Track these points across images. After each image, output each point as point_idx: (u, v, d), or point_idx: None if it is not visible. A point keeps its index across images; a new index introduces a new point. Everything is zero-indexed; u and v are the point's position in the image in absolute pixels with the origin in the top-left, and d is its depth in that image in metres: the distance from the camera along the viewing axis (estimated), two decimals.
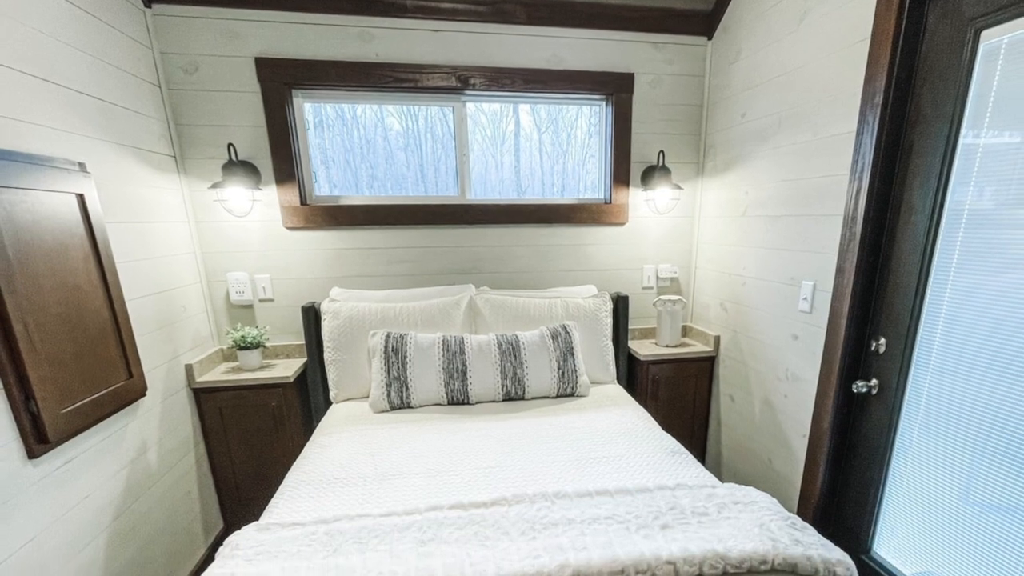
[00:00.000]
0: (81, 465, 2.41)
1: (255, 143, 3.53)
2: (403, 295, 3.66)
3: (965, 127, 2.13)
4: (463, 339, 3.34)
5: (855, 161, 2.54)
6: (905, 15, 2.27)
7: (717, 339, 3.97)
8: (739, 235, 3.63)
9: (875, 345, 2.59)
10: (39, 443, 2.13)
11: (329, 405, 3.57)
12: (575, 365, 3.42)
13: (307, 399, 3.76)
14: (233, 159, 3.42)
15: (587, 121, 4.11)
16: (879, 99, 2.38)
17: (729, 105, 3.68)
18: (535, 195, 4.15)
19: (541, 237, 4.04)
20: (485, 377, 3.29)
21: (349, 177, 3.89)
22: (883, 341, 2.56)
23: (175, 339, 3.24)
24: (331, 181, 3.86)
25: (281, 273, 3.76)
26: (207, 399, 3.40)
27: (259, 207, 3.63)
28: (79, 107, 2.57)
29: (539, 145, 4.10)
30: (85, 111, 2.61)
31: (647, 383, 3.94)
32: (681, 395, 4.05)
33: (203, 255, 3.62)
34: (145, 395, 2.85)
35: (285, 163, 3.57)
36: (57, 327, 2.25)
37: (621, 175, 4.02)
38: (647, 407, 3.94)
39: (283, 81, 3.46)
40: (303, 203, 3.69)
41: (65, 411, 2.25)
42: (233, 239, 3.64)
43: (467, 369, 3.27)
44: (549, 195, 4.18)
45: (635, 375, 4.07)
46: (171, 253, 3.28)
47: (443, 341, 3.31)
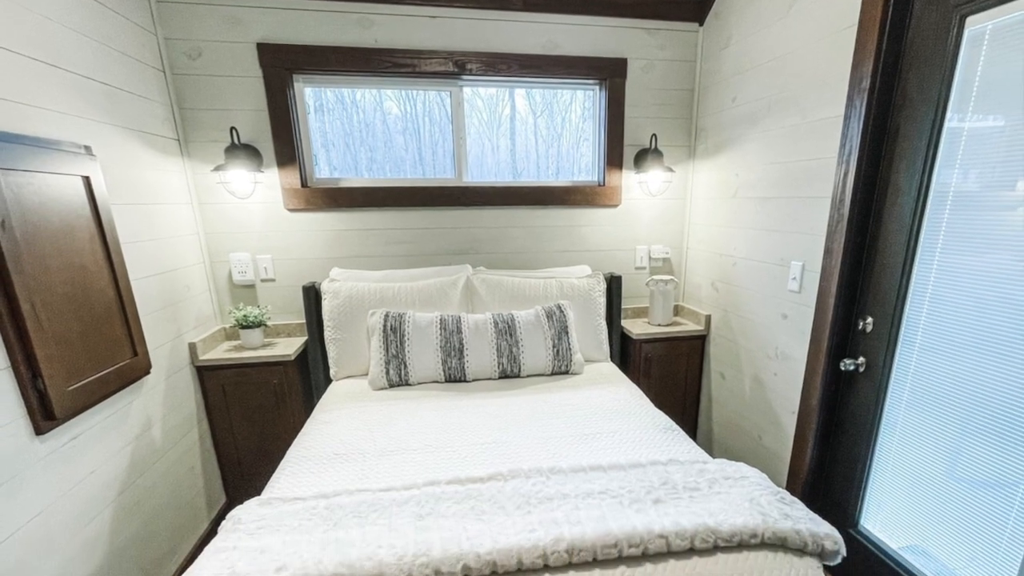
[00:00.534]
0: (87, 441, 2.40)
1: (257, 127, 3.52)
2: (401, 275, 3.65)
3: (950, 111, 2.13)
4: (460, 318, 3.33)
5: (843, 144, 2.53)
6: (892, 2, 2.25)
7: (708, 318, 3.97)
8: (730, 216, 3.62)
9: (862, 324, 2.59)
10: (46, 420, 2.13)
11: (329, 383, 3.56)
12: (569, 343, 3.41)
13: (308, 377, 3.75)
14: (235, 142, 3.42)
15: (581, 105, 4.09)
16: (866, 84, 2.37)
17: (720, 89, 3.66)
18: (530, 177, 4.14)
19: (536, 218, 4.04)
20: (481, 355, 3.28)
21: (349, 160, 3.87)
22: (870, 320, 2.55)
23: (179, 318, 3.23)
24: (331, 164, 3.84)
25: (282, 254, 3.76)
26: (210, 377, 3.39)
27: (261, 189, 3.62)
28: (85, 91, 2.56)
29: (534, 129, 4.08)
30: (91, 95, 2.60)
31: (640, 361, 3.94)
32: (673, 373, 4.05)
33: (206, 236, 3.62)
34: (149, 373, 2.84)
35: (286, 146, 3.56)
36: (63, 306, 2.24)
37: (614, 158, 4.01)
38: (640, 385, 3.94)
39: (284, 66, 3.45)
40: (304, 185, 3.68)
41: (71, 388, 2.24)
42: (235, 220, 3.64)
43: (464, 347, 3.26)
44: (544, 177, 4.16)
45: (628, 353, 4.06)
46: (175, 234, 3.27)
47: (440, 320, 3.30)
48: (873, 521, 2.66)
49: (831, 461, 2.88)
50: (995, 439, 2.02)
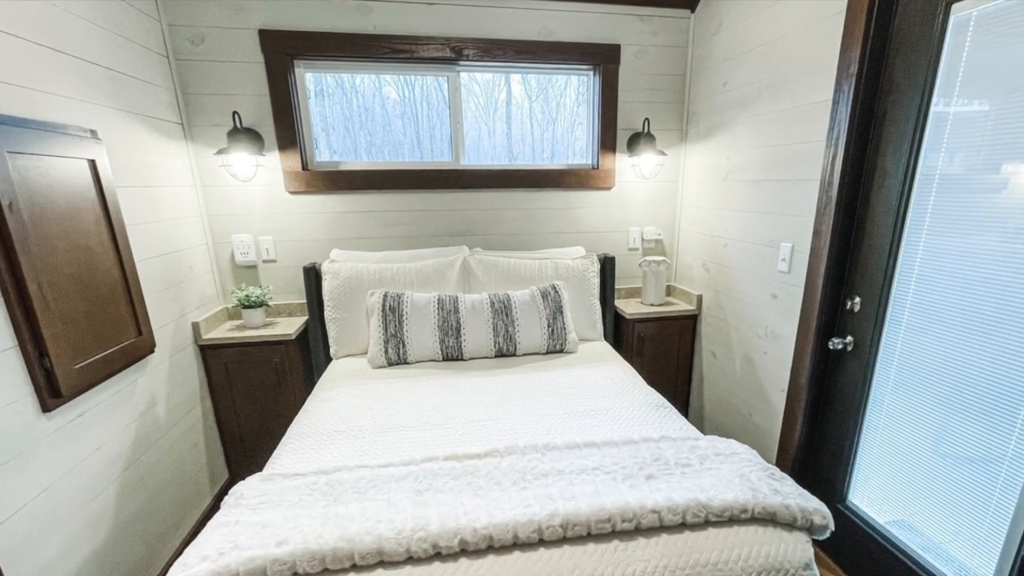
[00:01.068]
0: (93, 419, 2.39)
1: (259, 111, 3.51)
2: (400, 256, 3.64)
3: (936, 96, 2.13)
4: (457, 298, 3.32)
5: (831, 128, 2.52)
6: None
7: (700, 298, 3.96)
8: (721, 199, 3.60)
9: (850, 304, 2.58)
10: (52, 397, 2.12)
11: (329, 361, 3.56)
12: (564, 323, 3.41)
13: (308, 355, 3.76)
14: (238, 126, 3.41)
15: (575, 90, 4.07)
16: (854, 69, 2.37)
17: (711, 75, 3.64)
18: (526, 161, 4.12)
19: (532, 201, 4.02)
20: (478, 334, 3.28)
21: (348, 143, 3.86)
22: (858, 300, 2.54)
23: (182, 298, 3.23)
24: (331, 147, 3.83)
25: (283, 235, 3.75)
26: (213, 355, 3.39)
27: (262, 172, 3.61)
28: (91, 77, 2.55)
29: (530, 113, 4.06)
30: (96, 80, 2.59)
31: (633, 340, 3.93)
32: (665, 352, 4.05)
33: (209, 218, 3.61)
34: (154, 352, 2.84)
35: (287, 130, 3.55)
36: (70, 287, 2.24)
37: (608, 142, 3.99)
38: (633, 363, 3.94)
39: (285, 52, 3.44)
40: (304, 168, 3.66)
41: (77, 367, 2.24)
42: (238, 203, 3.63)
43: (461, 327, 3.25)
44: (539, 161, 4.14)
45: (621, 333, 4.07)
46: (178, 216, 3.26)
47: (438, 300, 3.29)
48: (860, 496, 2.66)
49: (820, 438, 2.88)
50: (979, 416, 2.02)
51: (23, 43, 2.15)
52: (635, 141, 3.93)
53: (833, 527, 1.79)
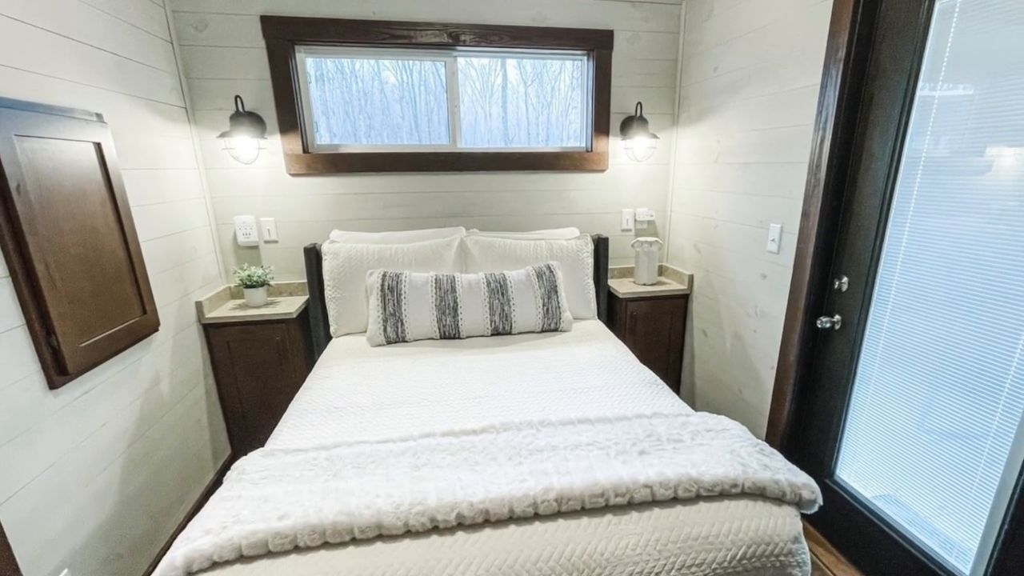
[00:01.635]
0: (98, 396, 2.39)
1: (260, 95, 3.50)
2: (398, 237, 3.63)
3: (922, 80, 2.12)
4: (454, 278, 3.31)
5: (819, 112, 2.52)
6: None
7: (691, 278, 3.95)
8: (711, 181, 3.59)
9: (838, 283, 2.57)
10: (59, 375, 2.12)
11: (329, 339, 3.56)
12: (559, 302, 3.40)
13: (309, 334, 3.75)
14: (240, 110, 3.41)
15: (570, 75, 4.05)
16: (842, 54, 2.36)
17: (702, 60, 3.62)
18: (521, 144, 4.11)
19: (527, 183, 4.01)
20: (475, 313, 3.27)
21: (348, 127, 3.85)
22: (845, 280, 2.54)
23: (186, 278, 3.22)
24: (331, 131, 3.82)
25: (285, 216, 3.74)
26: (216, 334, 3.38)
27: (264, 155, 3.60)
28: (96, 62, 2.54)
29: (525, 97, 4.06)
30: (102, 65, 2.58)
31: (626, 319, 3.93)
32: (657, 330, 4.04)
33: (212, 199, 3.60)
34: (158, 330, 2.84)
35: (288, 114, 3.55)
36: (76, 267, 2.23)
37: (601, 125, 3.98)
38: (626, 341, 3.95)
39: (286, 37, 3.43)
40: (305, 151, 3.66)
41: (83, 345, 2.23)
42: (240, 185, 3.62)
43: (458, 306, 3.24)
44: (534, 144, 4.13)
45: (614, 312, 4.06)
46: (182, 198, 3.25)
47: (436, 280, 3.28)
48: (848, 471, 2.67)
49: (808, 414, 2.88)
50: (964, 393, 2.02)
51: (31, 29, 2.13)
52: (628, 125, 3.91)
53: (821, 502, 1.79)
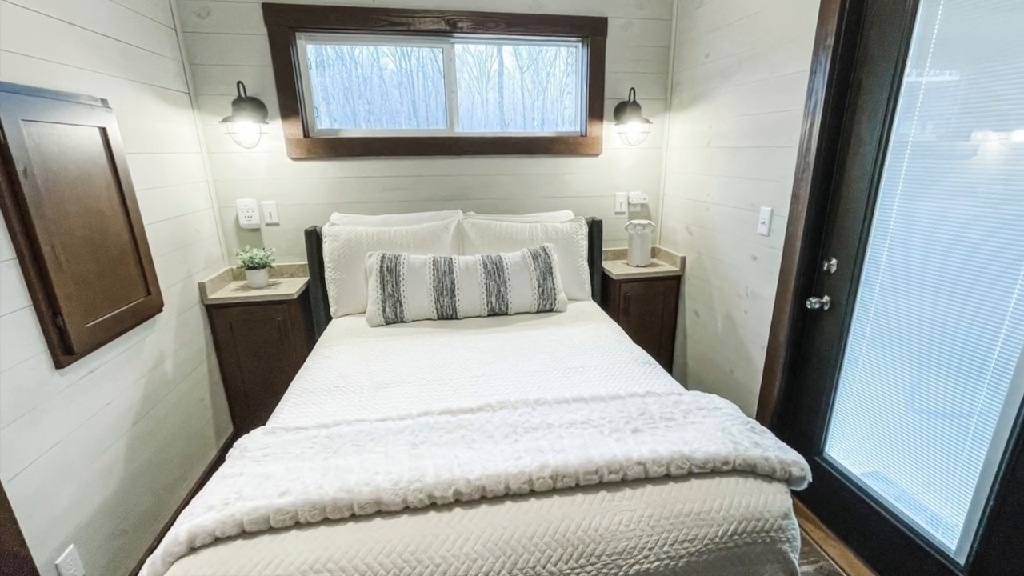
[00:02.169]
0: (104, 375, 2.38)
1: (262, 81, 3.51)
2: (397, 219, 3.62)
3: (909, 66, 2.13)
4: (452, 259, 3.30)
5: (809, 97, 2.52)
6: None
7: (683, 260, 3.94)
8: (703, 165, 3.58)
9: (827, 265, 2.57)
10: (65, 354, 2.12)
11: (329, 320, 3.56)
12: (554, 283, 3.39)
13: (309, 314, 3.75)
14: (242, 96, 3.42)
15: (565, 61, 4.04)
16: (831, 41, 2.36)
17: (694, 46, 3.60)
18: (517, 129, 4.10)
19: (523, 167, 4.00)
20: (472, 294, 3.26)
21: (348, 112, 3.85)
22: (834, 261, 2.54)
23: (189, 260, 3.21)
24: (331, 116, 3.82)
25: (286, 199, 3.74)
26: (218, 314, 3.37)
27: (266, 139, 3.61)
28: (101, 48, 2.54)
29: (521, 83, 4.05)
30: (107, 52, 2.58)
31: (619, 300, 3.93)
32: (650, 311, 4.04)
33: (215, 183, 3.61)
34: (162, 311, 2.83)
35: (289, 99, 3.56)
36: (81, 249, 2.23)
37: (596, 110, 3.98)
38: (619, 322, 3.95)
39: (287, 25, 3.44)
40: (306, 136, 3.66)
41: (89, 325, 2.23)
42: (242, 168, 3.62)
43: (455, 287, 3.23)
44: (530, 129, 4.12)
45: (608, 293, 4.06)
46: (185, 181, 3.25)
47: (433, 261, 3.27)
48: (837, 449, 2.67)
49: (798, 393, 2.88)
50: (950, 373, 2.02)
51: (37, 16, 2.13)
52: (621, 110, 3.92)
53: (811, 478, 1.79)
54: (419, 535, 1.51)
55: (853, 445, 2.57)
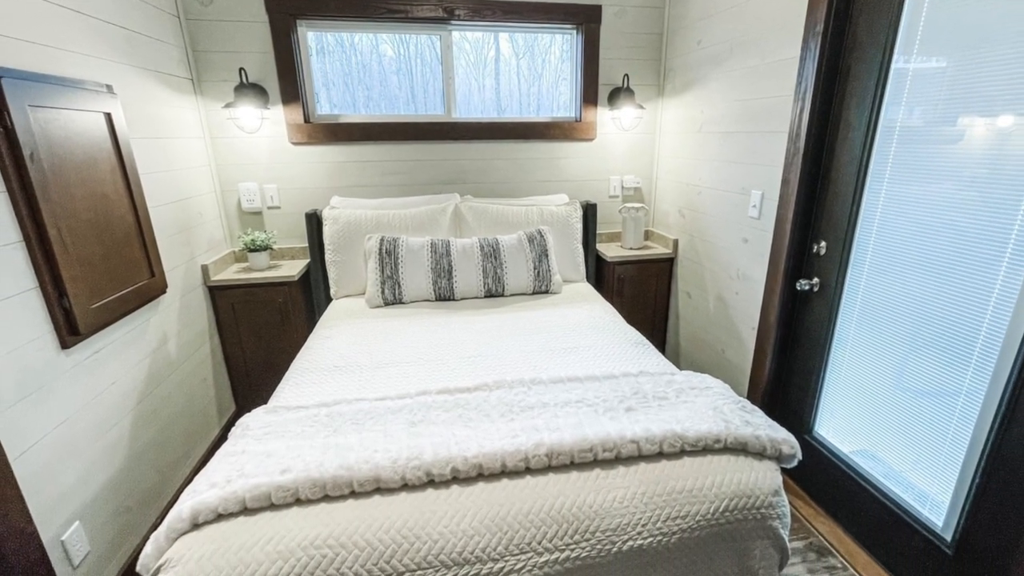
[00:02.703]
0: (108, 355, 2.38)
1: (264, 67, 3.50)
2: (395, 203, 3.61)
3: (897, 53, 2.12)
4: (449, 242, 3.29)
5: (799, 83, 2.52)
6: None
7: (676, 242, 3.93)
8: (695, 149, 3.58)
9: (816, 248, 2.57)
10: (71, 335, 2.12)
11: (330, 301, 3.55)
12: (549, 265, 3.38)
13: (310, 296, 3.75)
14: (244, 82, 3.42)
15: (560, 48, 4.02)
16: (820, 28, 2.36)
17: (687, 33, 3.59)
18: (513, 114, 4.09)
19: (519, 151, 3.99)
20: (469, 276, 3.25)
21: (347, 98, 3.84)
22: (823, 244, 2.53)
23: (192, 242, 3.20)
24: (331, 101, 3.81)
25: (287, 183, 3.73)
26: (221, 296, 3.36)
27: (267, 124, 3.60)
28: (107, 35, 2.53)
29: (517, 69, 4.03)
30: (112, 39, 2.57)
31: (613, 282, 3.92)
32: (644, 292, 4.04)
33: (217, 167, 3.59)
34: (165, 292, 2.82)
35: (290, 85, 3.55)
36: (87, 232, 2.23)
37: (590, 96, 3.98)
38: (613, 303, 3.93)
39: (288, 12, 3.43)
40: (306, 121, 3.65)
41: (94, 306, 2.22)
42: (244, 153, 3.61)
43: (452, 269, 3.23)
44: (526, 114, 4.11)
45: (602, 274, 4.05)
46: (189, 166, 3.24)
47: (431, 244, 3.25)
48: (826, 428, 2.68)
49: (788, 373, 2.88)
50: (937, 353, 2.01)
51: (44, 3, 2.12)
52: (615, 95, 3.91)
53: (801, 456, 1.79)
54: (417, 512, 1.51)
55: (842, 424, 2.57)
